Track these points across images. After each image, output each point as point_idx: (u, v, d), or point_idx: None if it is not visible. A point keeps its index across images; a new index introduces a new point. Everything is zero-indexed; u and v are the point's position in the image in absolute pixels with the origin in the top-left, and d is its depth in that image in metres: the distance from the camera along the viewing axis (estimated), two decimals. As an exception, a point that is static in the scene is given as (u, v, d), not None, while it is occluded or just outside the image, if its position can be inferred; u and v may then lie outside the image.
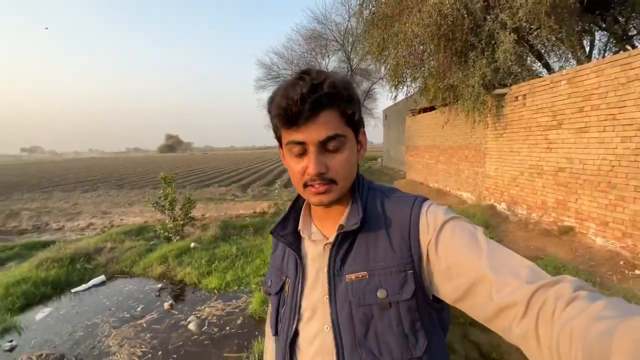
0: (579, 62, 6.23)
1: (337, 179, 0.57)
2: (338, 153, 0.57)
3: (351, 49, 14.89)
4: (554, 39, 6.04)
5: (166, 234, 6.02)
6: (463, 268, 0.50)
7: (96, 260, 5.15)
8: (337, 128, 0.56)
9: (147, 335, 3.21)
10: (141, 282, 4.60)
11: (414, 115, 12.05)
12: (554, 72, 6.41)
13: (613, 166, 4.01)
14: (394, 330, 0.55)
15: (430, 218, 0.56)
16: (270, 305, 0.74)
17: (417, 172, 11.84)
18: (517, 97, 5.74)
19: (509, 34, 5.36)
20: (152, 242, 5.95)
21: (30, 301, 3.96)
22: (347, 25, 14.69)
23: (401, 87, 7.97)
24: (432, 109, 9.84)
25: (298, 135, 0.55)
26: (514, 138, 5.94)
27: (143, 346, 3.04)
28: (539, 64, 6.95)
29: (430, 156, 10.47)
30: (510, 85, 5.86)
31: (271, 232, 0.70)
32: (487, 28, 5.69)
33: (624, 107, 3.83)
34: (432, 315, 0.59)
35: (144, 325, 3.41)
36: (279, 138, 0.60)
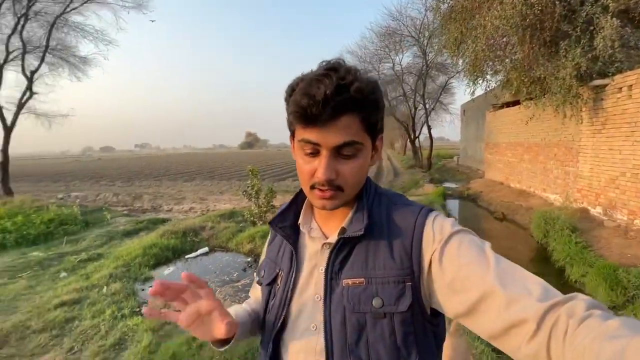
0: None
1: (344, 187, 0.56)
2: (351, 160, 0.55)
3: (427, 43, 14.43)
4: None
5: (252, 218, 6.98)
6: (469, 282, 0.48)
7: (201, 235, 6.34)
8: (356, 134, 0.53)
9: (243, 295, 3.99)
10: (234, 255, 5.54)
11: (495, 110, 11.24)
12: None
13: None
14: (386, 340, 0.54)
15: (437, 229, 0.55)
16: (258, 293, 0.75)
17: (497, 171, 11.03)
18: (621, 88, 5.09)
19: (611, 18, 4.80)
20: (241, 225, 6.98)
21: (159, 261, 5.17)
22: (423, 20, 14.27)
23: (480, 82, 7.63)
24: (515, 103, 9.11)
25: (313, 136, 0.53)
26: (614, 134, 5.29)
27: (241, 302, 3.81)
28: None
29: (512, 154, 9.70)
30: (613, 75, 5.22)
31: (269, 223, 0.68)
32: (585, 13, 5.17)
33: None
34: (427, 329, 0.57)
35: (240, 287, 4.22)
36: (292, 131, 0.58)
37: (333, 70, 0.51)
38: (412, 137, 19.33)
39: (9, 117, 10.30)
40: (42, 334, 3.07)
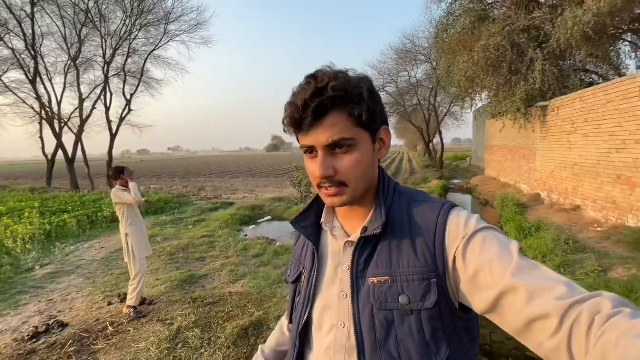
0: (620, 75, 7.38)
1: (347, 182, 0.58)
2: (347, 155, 0.57)
3: (437, 62, 16.72)
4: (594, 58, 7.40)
5: (295, 200, 9.80)
6: (492, 278, 0.48)
7: (263, 209, 9.22)
8: (345, 131, 0.56)
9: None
10: (287, 223, 8.34)
11: (492, 118, 13.43)
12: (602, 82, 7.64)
13: (598, 161, 5.74)
14: (415, 336, 0.54)
15: (461, 225, 0.55)
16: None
17: (492, 168, 13.23)
18: (553, 109, 7.41)
19: (543, 60, 7.15)
20: (288, 204, 9.80)
21: (243, 222, 8.07)
22: (432, 41, 16.58)
23: (468, 102, 10.02)
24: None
25: (307, 140, 0.57)
26: (551, 140, 7.59)
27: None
28: (591, 78, 8.16)
29: (501, 155, 11.92)
30: (550, 99, 7.55)
31: (291, 222, 0.71)
32: (529, 58, 7.55)
33: (605, 119, 5.58)
34: (456, 325, 0.57)
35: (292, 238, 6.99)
36: (298, 140, 0.61)
37: (313, 78, 0.56)
38: (427, 140, 21.54)
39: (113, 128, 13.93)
40: (202, 246, 5.97)
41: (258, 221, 8.34)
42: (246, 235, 7.03)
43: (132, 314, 3.32)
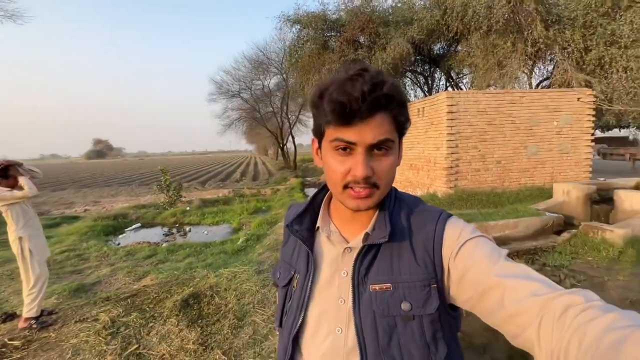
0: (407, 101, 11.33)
1: (379, 184, 0.57)
2: (385, 157, 0.56)
3: (287, 75, 18.95)
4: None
5: (164, 205, 9.36)
6: (477, 275, 0.52)
7: (128, 218, 8.38)
8: (388, 132, 0.55)
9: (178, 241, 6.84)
10: (161, 229, 8.04)
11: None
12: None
13: (420, 156, 8.76)
14: (417, 340, 0.56)
15: (456, 233, 0.58)
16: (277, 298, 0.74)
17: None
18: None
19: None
20: (157, 210, 9.25)
21: (107, 232, 7.22)
22: (283, 56, 18.71)
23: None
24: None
25: (349, 135, 0.53)
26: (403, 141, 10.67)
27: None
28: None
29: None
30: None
31: (286, 226, 0.70)
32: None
33: (429, 128, 8.59)
34: (451, 324, 0.60)
35: (176, 239, 7.01)
36: (321, 132, 0.58)
37: (365, 70, 0.53)
38: (281, 144, 23.82)
39: None
40: (68, 261, 5.26)
41: (126, 230, 7.63)
42: (119, 244, 6.47)
43: (34, 326, 3.03)
